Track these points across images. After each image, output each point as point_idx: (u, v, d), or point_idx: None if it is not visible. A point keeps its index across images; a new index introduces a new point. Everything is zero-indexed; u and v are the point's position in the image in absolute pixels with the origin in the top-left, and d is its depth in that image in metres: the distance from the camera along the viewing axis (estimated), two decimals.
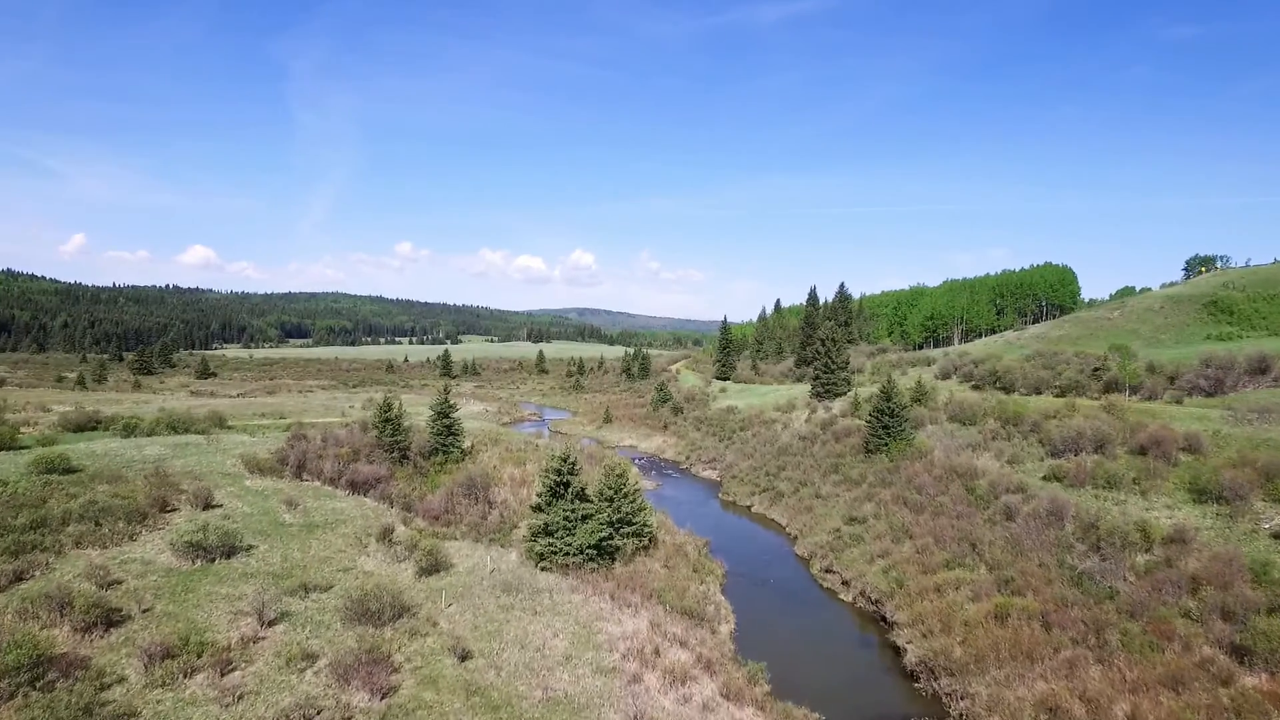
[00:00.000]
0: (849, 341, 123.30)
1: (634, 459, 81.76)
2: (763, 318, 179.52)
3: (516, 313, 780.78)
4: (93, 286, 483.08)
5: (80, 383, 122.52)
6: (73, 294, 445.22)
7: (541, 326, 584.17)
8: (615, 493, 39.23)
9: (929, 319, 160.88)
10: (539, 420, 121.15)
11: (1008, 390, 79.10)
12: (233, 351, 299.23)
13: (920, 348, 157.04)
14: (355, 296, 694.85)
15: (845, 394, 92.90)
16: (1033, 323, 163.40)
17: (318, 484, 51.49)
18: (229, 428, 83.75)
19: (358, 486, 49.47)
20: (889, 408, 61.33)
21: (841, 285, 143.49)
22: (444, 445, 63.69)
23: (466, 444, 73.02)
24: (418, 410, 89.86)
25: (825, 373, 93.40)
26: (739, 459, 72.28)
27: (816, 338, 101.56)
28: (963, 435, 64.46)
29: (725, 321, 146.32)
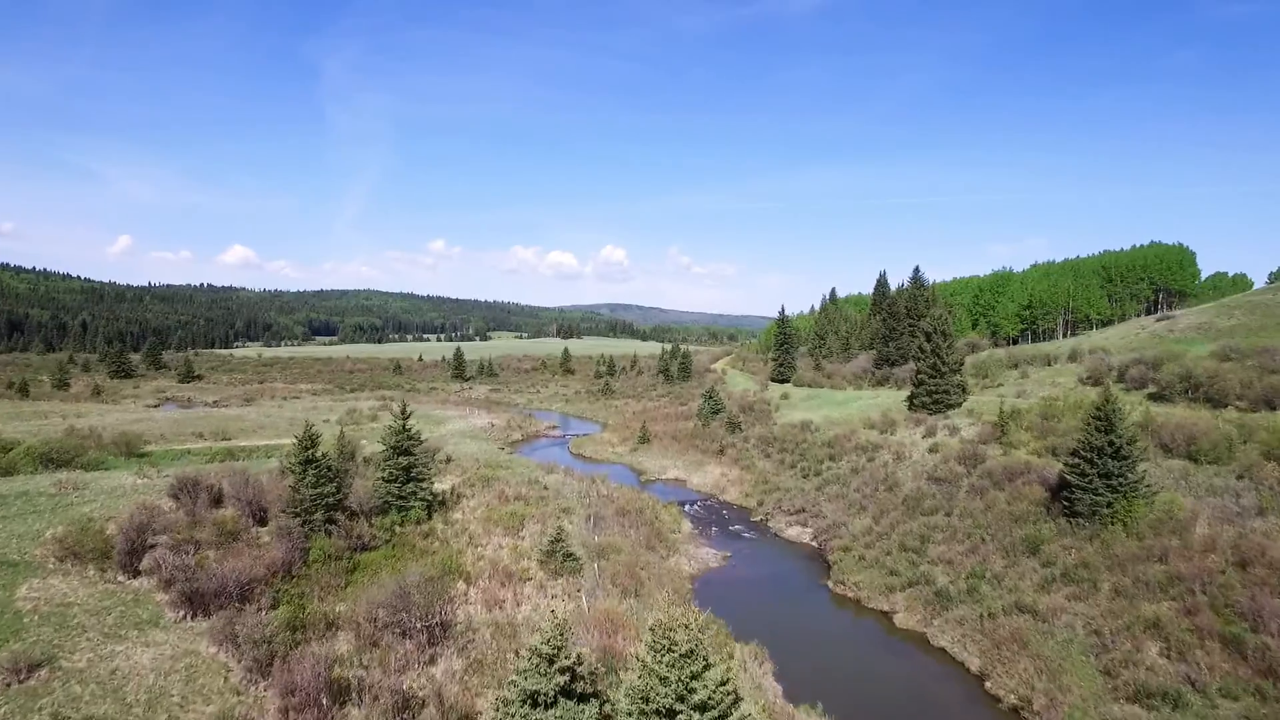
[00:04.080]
0: None
1: (683, 503, 58.54)
2: (822, 308, 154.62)
3: (548, 309, 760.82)
4: (120, 285, 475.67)
5: (21, 390, 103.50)
6: (98, 293, 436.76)
7: (572, 322, 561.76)
8: (680, 699, 16.33)
9: (1026, 308, 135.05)
10: (560, 438, 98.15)
11: (1216, 404, 54.93)
12: (244, 350, 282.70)
13: (1013, 342, 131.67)
14: (385, 294, 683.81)
15: (959, 405, 68.88)
16: (1149, 310, 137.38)
17: (150, 586, 29.75)
18: (140, 455, 62.58)
19: (204, 601, 27.49)
20: (1108, 445, 37.30)
21: (916, 270, 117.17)
22: (399, 499, 41.24)
23: (444, 486, 50.75)
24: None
25: (933, 377, 69.28)
26: (843, 513, 48.59)
27: (920, 330, 77.21)
28: (1207, 481, 40.48)
29: (783, 313, 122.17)
